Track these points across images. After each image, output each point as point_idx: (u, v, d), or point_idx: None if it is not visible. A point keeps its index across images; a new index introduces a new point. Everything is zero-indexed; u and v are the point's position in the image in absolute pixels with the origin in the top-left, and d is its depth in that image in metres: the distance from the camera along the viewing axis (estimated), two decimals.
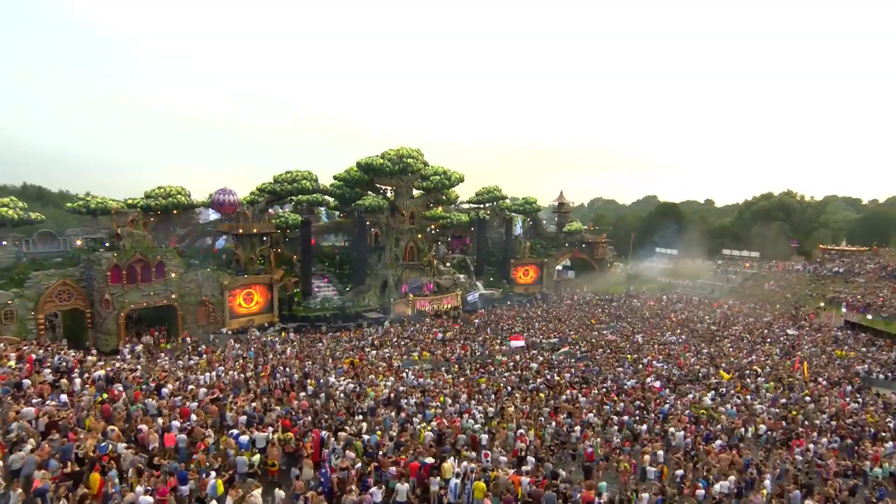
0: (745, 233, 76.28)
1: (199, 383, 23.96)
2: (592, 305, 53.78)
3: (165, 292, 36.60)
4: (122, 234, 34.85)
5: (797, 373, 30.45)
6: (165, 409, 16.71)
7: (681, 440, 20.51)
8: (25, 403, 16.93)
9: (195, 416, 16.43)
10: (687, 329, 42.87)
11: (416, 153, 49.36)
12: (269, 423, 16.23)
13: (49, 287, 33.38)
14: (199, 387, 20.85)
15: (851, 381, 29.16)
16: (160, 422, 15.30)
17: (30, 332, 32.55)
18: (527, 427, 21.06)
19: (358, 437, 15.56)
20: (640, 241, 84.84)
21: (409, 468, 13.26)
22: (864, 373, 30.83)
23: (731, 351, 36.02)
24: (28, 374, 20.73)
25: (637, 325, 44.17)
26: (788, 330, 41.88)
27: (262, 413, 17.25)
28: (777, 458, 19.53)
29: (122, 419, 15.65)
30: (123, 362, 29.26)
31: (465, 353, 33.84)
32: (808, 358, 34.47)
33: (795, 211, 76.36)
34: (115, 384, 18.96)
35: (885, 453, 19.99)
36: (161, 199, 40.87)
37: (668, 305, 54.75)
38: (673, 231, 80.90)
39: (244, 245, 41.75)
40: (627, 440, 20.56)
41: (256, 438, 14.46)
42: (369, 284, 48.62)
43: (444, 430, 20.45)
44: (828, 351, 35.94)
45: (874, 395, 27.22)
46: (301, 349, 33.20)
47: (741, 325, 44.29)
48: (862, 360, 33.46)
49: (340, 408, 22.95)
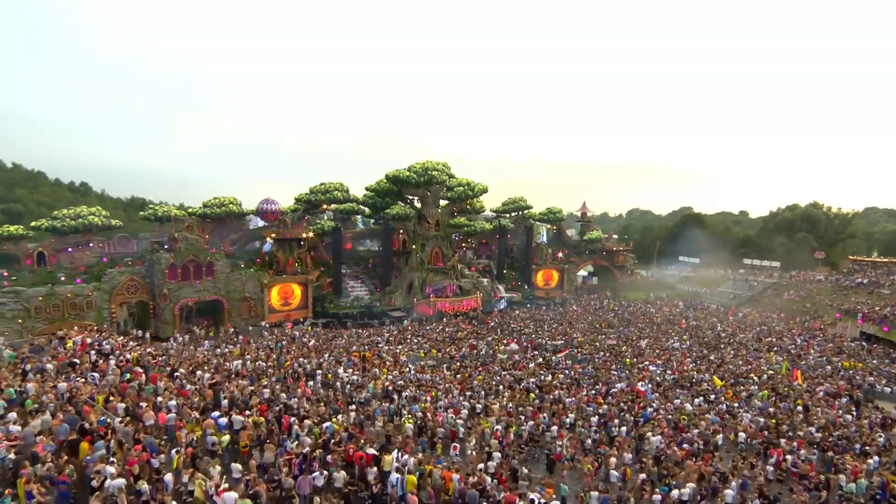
0: (769, 243, 70.88)
1: (227, 369, 25.17)
2: (606, 310, 51.62)
3: (214, 288, 38.57)
4: (178, 238, 37.09)
5: (794, 382, 27.84)
6: (171, 390, 17.50)
7: (654, 445, 19.23)
8: (64, 379, 18.37)
9: (196, 399, 17.14)
10: (694, 336, 40.26)
11: (441, 166, 49.49)
12: (252, 406, 16.66)
13: (120, 282, 36.05)
14: (205, 372, 21.61)
15: (851, 393, 26.29)
16: (159, 401, 16.03)
17: (104, 319, 35.30)
18: (505, 424, 20.50)
19: (317, 425, 15.60)
20: (665, 249, 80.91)
21: (354, 457, 13.16)
22: (869, 385, 27.73)
23: (733, 358, 33.47)
24: (79, 355, 22.47)
25: (645, 330, 41.98)
26: (797, 338, 38.44)
27: (247, 398, 17.70)
28: (747, 468, 17.89)
29: (132, 397, 16.51)
30: (171, 348, 31.29)
31: (471, 351, 33.38)
32: (814, 368, 31.52)
33: (820, 222, 70.02)
34: (137, 366, 20.07)
35: (868, 469, 17.84)
36: (216, 208, 43.22)
37: (682, 312, 51.69)
38: (696, 240, 76.53)
39: (284, 248, 43.35)
40: (602, 443, 19.53)
41: (234, 421, 14.87)
42: (396, 285, 49.07)
43: (426, 423, 20.30)
44: (834, 361, 32.61)
45: (872, 408, 24.41)
46: (322, 343, 33.91)
47: (750, 333, 41.08)
48: (869, 371, 30.13)
49: (339, 397, 23.33)
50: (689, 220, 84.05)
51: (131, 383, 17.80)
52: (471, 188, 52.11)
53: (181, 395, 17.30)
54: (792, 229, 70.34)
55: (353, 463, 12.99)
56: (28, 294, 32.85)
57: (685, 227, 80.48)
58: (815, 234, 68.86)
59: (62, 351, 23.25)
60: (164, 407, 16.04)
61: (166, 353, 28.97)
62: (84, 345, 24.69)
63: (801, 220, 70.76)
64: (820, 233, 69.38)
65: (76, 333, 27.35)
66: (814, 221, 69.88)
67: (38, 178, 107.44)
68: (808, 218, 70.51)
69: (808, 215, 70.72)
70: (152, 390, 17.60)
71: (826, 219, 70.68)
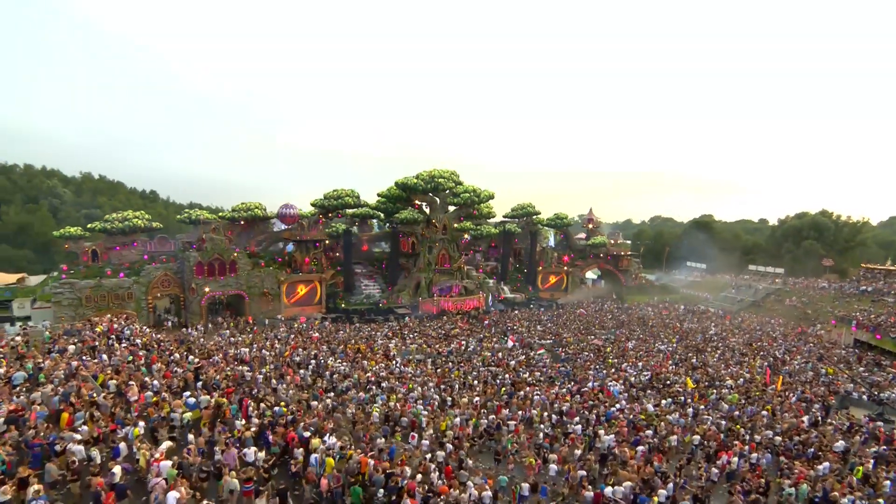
0: (777, 250, 66.80)
1: (234, 356, 26.39)
2: (604, 313, 50.21)
3: (236, 284, 40.32)
4: (205, 238, 39.06)
5: (769, 387, 26.24)
6: (161, 371, 18.55)
7: (606, 443, 18.63)
8: (78, 359, 19.81)
9: (176, 381, 18.10)
10: (684, 339, 38.56)
11: (447, 174, 49.80)
12: (222, 389, 17.43)
13: (156, 277, 38.32)
14: (195, 357, 22.62)
15: (825, 400, 24.50)
16: (147, 380, 17.04)
17: (142, 309, 37.64)
18: (468, 417, 20.46)
19: (270, 408, 16.09)
20: (675, 255, 77.84)
21: (287, 438, 13.56)
22: (845, 392, 25.76)
23: (716, 362, 31.85)
24: (102, 339, 24.13)
25: (636, 332, 40.55)
26: (781, 345, 36.11)
27: (219, 381, 18.49)
28: (693, 470, 17.09)
29: (123, 376, 17.62)
30: (191, 335, 32.93)
31: (459, 347, 33.32)
32: (795, 374, 29.57)
33: (829, 230, 65.26)
34: (143, 350, 21.36)
35: (816, 474, 16.67)
36: (242, 212, 45.18)
37: (680, 316, 49.57)
38: (705, 247, 73.21)
39: (301, 249, 44.74)
40: (556, 439, 19.13)
41: (201, 401, 15.63)
42: (404, 285, 49.61)
43: (392, 413, 20.55)
44: (818, 368, 30.43)
45: (843, 414, 22.69)
46: (325, 336, 34.75)
47: (741, 338, 38.90)
48: (851, 379, 27.94)
49: (323, 385, 23.93)
50: (699, 227, 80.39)
51: (130, 364, 19.02)
52: (476, 194, 52.07)
53: (165, 377, 18.31)
54: (799, 237, 66.05)
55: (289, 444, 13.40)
56: (80, 286, 35.49)
57: (694, 234, 77.09)
58: (822, 242, 64.36)
59: (91, 335, 25.06)
60: (150, 386, 17.07)
61: (185, 340, 30.70)
62: (112, 330, 26.54)
63: (809, 228, 66.30)
64: (828, 241, 64.79)
65: (106, 321, 29.30)
66: (821, 229, 65.30)
67: (117, 187, 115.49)
68: (815, 226, 65.98)
69: (815, 223, 66.15)
70: (146, 371, 18.74)
71: (835, 227, 65.89)
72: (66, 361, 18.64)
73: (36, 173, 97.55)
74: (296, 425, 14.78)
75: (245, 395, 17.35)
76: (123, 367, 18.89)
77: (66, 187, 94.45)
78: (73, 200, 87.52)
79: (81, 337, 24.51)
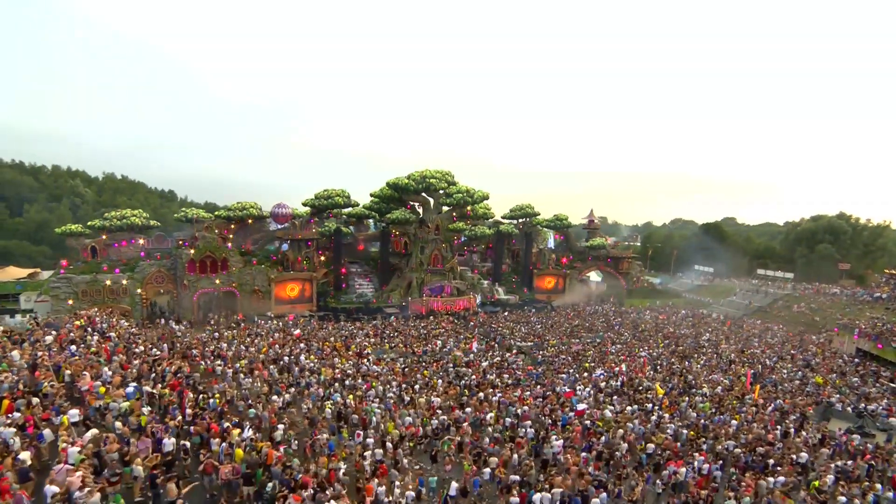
0: (790, 254, 64.09)
1: (211, 351, 27.19)
2: (597, 316, 49.26)
3: (228, 281, 41.35)
4: (198, 236, 40.20)
5: (746, 396, 25.24)
6: (120, 363, 19.21)
7: (553, 449, 18.29)
8: (46, 350, 20.70)
9: (132, 372, 18.71)
10: (674, 344, 37.47)
11: (439, 174, 49.80)
12: (168, 380, 17.94)
13: (149, 273, 39.67)
14: (162, 350, 23.29)
15: (804, 411, 23.39)
16: (105, 371, 17.68)
17: (136, 304, 39.02)
18: (421, 418, 20.45)
19: (209, 398, 16.43)
20: (684, 258, 75.67)
21: (212, 428, 13.85)
22: (828, 403, 24.53)
23: (699, 368, 30.84)
24: (80, 332, 25.14)
25: (624, 336, 39.64)
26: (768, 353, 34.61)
27: (165, 373, 19.00)
28: (637, 478, 16.58)
29: (77, 366, 18.31)
30: (177, 331, 33.93)
31: (435, 347, 33.27)
32: (781, 383, 28.35)
33: (845, 234, 62.09)
34: (110, 343, 22.16)
35: (767, 486, 15.98)
36: (238, 211, 46.31)
37: (677, 321, 48.19)
38: (715, 250, 70.93)
39: (293, 248, 45.52)
40: (502, 442, 18.90)
41: (144, 391, 16.14)
42: (396, 284, 49.88)
43: (346, 410, 20.76)
44: (809, 377, 29.08)
45: (821, 426, 21.61)
46: (306, 333, 35.22)
47: (735, 344, 37.52)
48: (838, 389, 26.60)
49: (287, 381, 24.32)
50: (707, 230, 77.91)
51: (94, 356, 19.78)
52: (470, 195, 51.80)
53: (123, 368, 18.95)
54: (813, 240, 63.15)
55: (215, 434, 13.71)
56: (76, 281, 37.07)
57: (703, 237, 74.77)
58: (838, 246, 61.35)
59: (70, 328, 26.16)
60: (103, 376, 17.70)
61: (172, 335, 31.68)
62: (94, 322, 27.65)
63: (824, 232, 63.30)
64: (845, 245, 61.70)
65: (85, 316, 30.31)
66: (837, 233, 62.22)
67: (137, 186, 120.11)
68: (831, 229, 62.92)
69: (831, 226, 63.08)
70: (104, 362, 19.44)
71: (853, 231, 62.70)
72: (31, 353, 19.52)
73: (61, 174, 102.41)
74: (219, 417, 15.07)
75: (187, 387, 17.79)
76: (87, 356, 19.68)
77: (89, 187, 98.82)
78: (94, 200, 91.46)
79: (59, 330, 25.64)
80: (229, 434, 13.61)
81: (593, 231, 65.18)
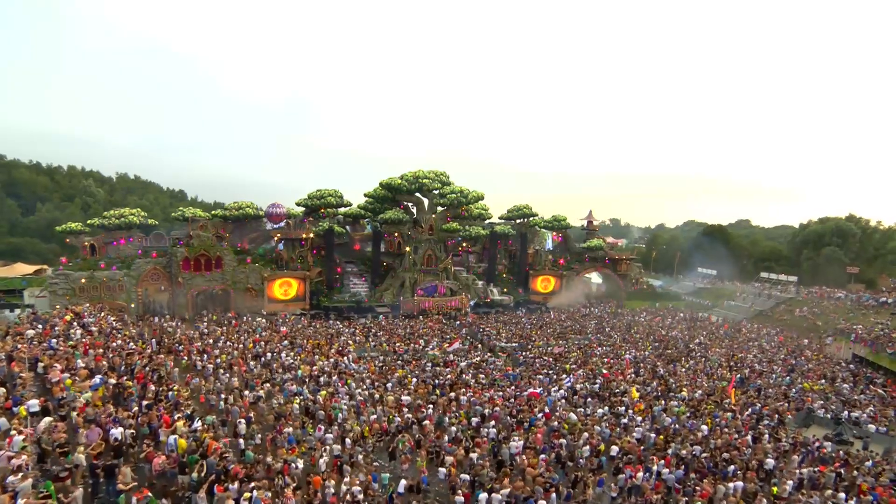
0: (796, 257, 62.51)
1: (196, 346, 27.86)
2: (588, 317, 48.79)
3: (222, 279, 42.16)
4: (193, 235, 41.10)
5: (724, 401, 24.78)
6: (95, 357, 19.82)
7: (510, 450, 18.23)
8: (28, 343, 21.47)
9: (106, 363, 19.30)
10: (663, 347, 36.94)
11: (432, 175, 50.02)
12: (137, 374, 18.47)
13: (145, 270, 40.69)
14: (137, 344, 23.90)
15: (782, 416, 22.87)
16: (79, 363, 18.31)
17: (132, 300, 40.08)
18: (388, 415, 20.65)
19: (168, 391, 16.84)
20: (688, 260, 74.49)
21: (163, 420, 14.25)
22: (808, 409, 23.93)
23: (684, 372, 30.36)
24: (65, 326, 25.98)
25: (613, 338, 39.19)
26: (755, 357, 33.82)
27: (133, 366, 19.52)
28: (591, 480, 16.46)
29: (53, 359, 18.96)
30: (168, 327, 34.73)
31: (417, 346, 33.38)
32: (766, 387, 27.74)
33: (853, 236, 60.22)
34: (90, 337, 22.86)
35: (726, 491, 15.71)
36: (234, 210, 47.19)
37: (673, 323, 47.44)
38: (719, 253, 69.66)
39: (287, 247, 46.19)
40: (462, 441, 18.93)
41: (109, 384, 16.66)
42: (389, 284, 50.18)
43: (314, 406, 21.09)
44: (796, 382, 28.39)
45: (790, 432, 21.11)
46: (293, 330, 35.70)
47: (725, 349, 36.81)
48: (823, 395, 25.91)
49: (264, 376, 24.78)
50: (711, 232, 76.49)
51: (72, 348, 20.47)
52: (464, 195, 51.95)
53: (96, 360, 19.56)
54: (820, 243, 61.45)
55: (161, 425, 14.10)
56: (74, 277, 38.22)
57: (706, 239, 73.44)
58: (846, 249, 59.57)
59: (59, 322, 27.04)
60: (74, 368, 18.32)
61: (162, 331, 32.48)
62: (83, 316, 28.54)
63: (832, 234, 61.52)
64: (854, 248, 59.89)
65: (70, 312, 31.15)
66: (845, 235, 60.41)
67: (148, 186, 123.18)
68: (839, 232, 61.12)
69: (839, 229, 61.27)
70: (79, 354, 20.10)
71: (862, 233, 60.82)
72: (12, 345, 20.28)
73: (76, 174, 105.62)
74: (178, 409, 15.50)
75: (150, 380, 18.28)
76: (65, 349, 20.38)
77: (101, 187, 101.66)
78: (105, 199, 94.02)
79: (46, 324, 26.50)
80: (175, 426, 13.96)
81: (592, 232, 64.58)
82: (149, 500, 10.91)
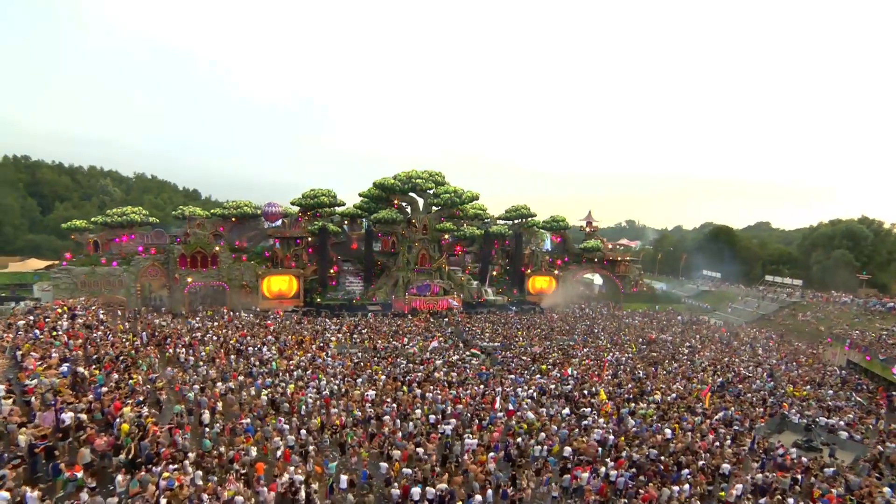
0: (806, 260, 60.52)
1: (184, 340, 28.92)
2: (580, 319, 48.30)
3: (217, 276, 43.39)
4: (189, 233, 42.43)
5: (699, 405, 24.37)
6: (73, 348, 20.84)
7: (463, 447, 18.41)
8: (14, 332, 22.68)
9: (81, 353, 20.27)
10: (649, 350, 36.41)
11: (425, 174, 50.34)
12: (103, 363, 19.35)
13: (143, 266, 42.21)
14: (128, 337, 24.90)
15: (753, 421, 22.37)
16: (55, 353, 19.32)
17: (131, 294, 41.61)
18: (349, 409, 21.10)
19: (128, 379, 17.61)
20: (696, 263, 72.98)
21: (115, 406, 14.99)
22: (783, 415, 23.35)
23: (665, 375, 29.92)
24: (55, 318, 27.26)
25: (599, 340, 38.78)
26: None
27: (103, 356, 20.41)
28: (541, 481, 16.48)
29: (30, 348, 20.02)
30: (162, 322, 35.95)
31: (400, 344, 33.72)
32: (744, 392, 27.13)
33: (865, 239, 57.90)
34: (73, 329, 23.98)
35: (667, 496, 15.58)
36: (232, 209, 48.47)
37: (665, 327, 46.59)
38: (726, 255, 68.05)
39: (283, 245, 47.21)
40: (414, 437, 19.20)
41: (77, 372, 17.56)
42: (383, 282, 50.75)
43: (280, 397, 21.74)
44: (782, 387, 27.67)
45: (760, 438, 20.65)
46: (280, 326, 36.49)
47: (715, 353, 36.04)
48: (808, 401, 25.21)
49: (240, 369, 25.57)
50: (718, 234, 74.69)
51: (53, 339, 21.58)
52: (458, 195, 52.08)
53: (73, 350, 20.58)
54: (830, 246, 59.35)
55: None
56: (76, 272, 39.96)
57: (713, 241, 71.77)
58: (857, 253, 57.39)
59: (49, 313, 28.40)
60: (48, 357, 19.33)
61: (153, 325, 33.70)
62: (74, 310, 29.88)
63: (842, 237, 59.34)
64: (865, 251, 57.65)
65: (60, 304, 32.51)
66: (857, 238, 58.17)
67: (164, 186, 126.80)
68: (850, 234, 58.90)
69: (850, 231, 59.03)
70: (58, 344, 21.17)
71: (874, 236, 58.47)
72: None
73: (96, 173, 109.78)
74: (122, 396, 16.24)
75: (116, 370, 19.13)
76: (47, 339, 21.50)
77: (119, 186, 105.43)
78: (122, 198, 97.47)
79: (37, 316, 27.84)
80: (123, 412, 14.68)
81: (590, 233, 63.92)
82: (77, 479, 11.55)
